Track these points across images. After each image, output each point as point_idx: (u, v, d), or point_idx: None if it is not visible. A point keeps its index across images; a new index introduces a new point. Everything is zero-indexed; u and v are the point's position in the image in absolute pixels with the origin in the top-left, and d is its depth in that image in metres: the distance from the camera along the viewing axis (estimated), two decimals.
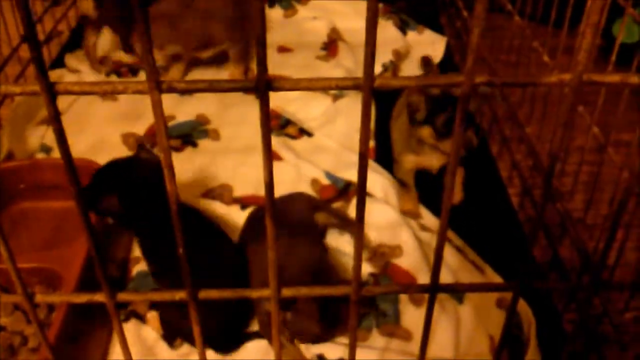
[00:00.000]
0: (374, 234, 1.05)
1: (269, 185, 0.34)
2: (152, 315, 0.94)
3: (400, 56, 1.55)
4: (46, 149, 1.27)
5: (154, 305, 0.95)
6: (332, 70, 1.51)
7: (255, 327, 0.93)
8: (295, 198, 1.06)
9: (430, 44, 1.63)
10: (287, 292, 0.39)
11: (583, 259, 0.93)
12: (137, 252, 1.05)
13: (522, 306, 0.91)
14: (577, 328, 0.90)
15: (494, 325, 0.91)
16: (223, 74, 1.49)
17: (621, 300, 0.88)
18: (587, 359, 0.88)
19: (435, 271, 0.39)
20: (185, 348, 0.91)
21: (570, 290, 0.95)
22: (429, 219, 1.11)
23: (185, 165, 1.23)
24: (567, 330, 0.92)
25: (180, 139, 1.31)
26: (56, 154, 1.24)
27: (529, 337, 0.88)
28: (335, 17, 1.70)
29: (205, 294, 0.39)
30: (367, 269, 1.00)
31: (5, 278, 0.88)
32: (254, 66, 1.49)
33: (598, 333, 0.90)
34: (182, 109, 1.37)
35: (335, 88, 0.31)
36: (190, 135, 1.32)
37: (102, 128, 1.33)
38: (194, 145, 1.30)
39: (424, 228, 1.08)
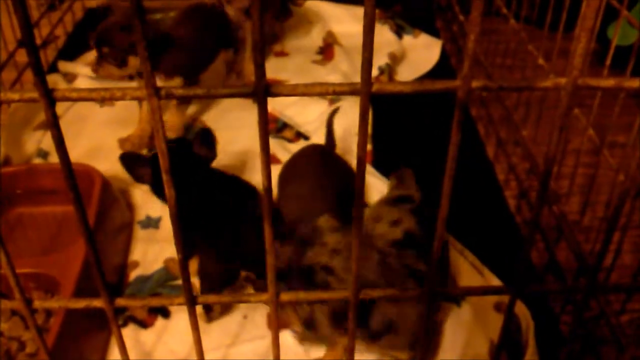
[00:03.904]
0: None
1: (267, 189, 0.35)
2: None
3: (396, 59, 1.56)
4: (43, 154, 1.27)
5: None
6: (328, 74, 1.51)
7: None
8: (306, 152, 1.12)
9: (425, 48, 1.63)
10: (285, 296, 0.39)
11: (579, 262, 0.94)
12: (134, 256, 1.05)
13: (521, 309, 0.91)
14: (573, 330, 0.90)
15: (493, 328, 0.91)
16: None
17: (618, 302, 0.89)
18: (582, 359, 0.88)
19: (432, 276, 0.39)
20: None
21: (566, 293, 0.95)
22: None
23: None
24: (564, 332, 0.92)
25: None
26: (53, 158, 1.24)
27: (527, 340, 0.88)
28: (330, 21, 1.71)
29: (203, 299, 0.39)
30: None
31: (3, 283, 0.87)
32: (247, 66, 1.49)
33: (595, 335, 0.90)
34: None
35: (333, 93, 0.32)
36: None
37: (99, 132, 1.33)
38: None
39: None
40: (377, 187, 1.16)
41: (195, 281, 0.96)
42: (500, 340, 0.43)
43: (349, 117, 1.34)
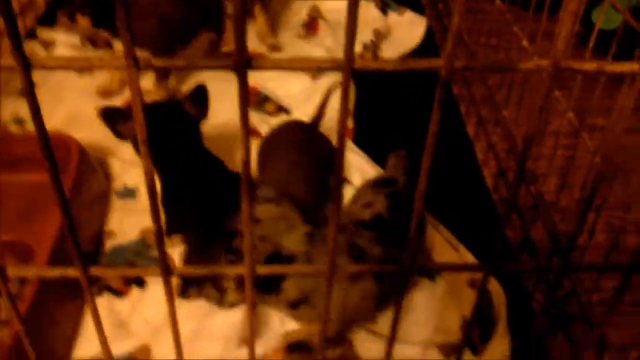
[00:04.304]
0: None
1: (246, 162, 0.34)
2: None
3: (380, 36, 1.55)
4: (19, 121, 1.25)
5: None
6: (313, 49, 1.50)
7: None
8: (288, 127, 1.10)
9: (410, 25, 1.62)
10: (261, 269, 0.39)
11: (554, 241, 0.95)
12: (111, 226, 1.05)
13: (494, 286, 0.93)
14: (545, 308, 0.92)
15: (466, 304, 0.92)
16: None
17: (590, 281, 0.90)
18: (554, 337, 0.90)
19: (411, 249, 0.40)
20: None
21: (539, 272, 0.96)
22: None
23: None
24: (536, 309, 0.94)
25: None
26: (30, 126, 1.22)
27: (499, 316, 0.90)
28: None
29: (178, 271, 0.39)
30: None
31: None
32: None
33: (566, 313, 0.92)
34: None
35: (315, 69, 0.31)
36: None
37: (77, 101, 1.31)
38: None
39: None
40: (356, 163, 1.16)
41: (172, 252, 0.96)
42: (472, 315, 0.44)
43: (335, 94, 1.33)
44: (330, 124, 1.25)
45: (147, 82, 1.34)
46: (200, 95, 0.95)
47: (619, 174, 0.84)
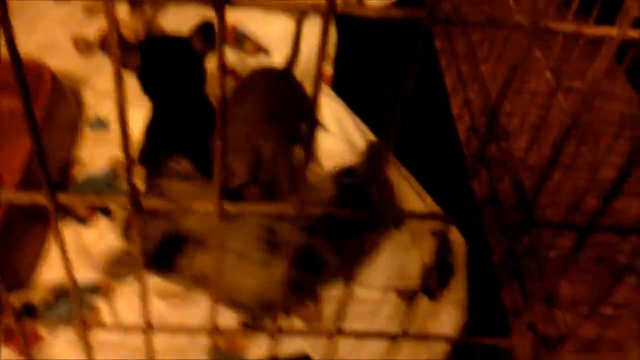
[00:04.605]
0: (329, 161, 1.07)
1: (222, 100, 0.34)
2: None
3: None
4: None
5: None
6: None
7: None
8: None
9: None
10: (230, 207, 0.40)
11: (519, 197, 0.97)
12: (81, 155, 1.04)
13: (455, 236, 0.95)
14: (504, 261, 0.95)
15: (427, 252, 0.95)
16: None
17: (548, 239, 0.93)
18: (509, 289, 0.93)
19: (377, 198, 0.40)
20: None
21: (500, 226, 0.99)
22: None
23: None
24: (495, 261, 0.97)
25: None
26: (4, 52, 1.18)
27: (458, 265, 0.93)
28: None
29: (146, 203, 0.39)
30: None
31: None
32: None
33: (523, 267, 0.95)
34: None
35: (295, 9, 0.31)
36: None
37: (53, 30, 1.28)
38: None
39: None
40: (332, 108, 1.15)
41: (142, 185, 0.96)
42: (430, 262, 0.45)
43: (314, 37, 1.31)
44: (308, 68, 1.24)
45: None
46: (207, 32, 0.95)
47: (589, 136, 0.86)
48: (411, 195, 1.02)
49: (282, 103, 1.00)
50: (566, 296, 0.90)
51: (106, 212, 0.96)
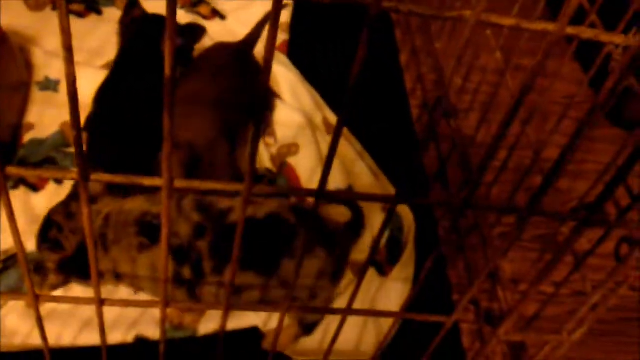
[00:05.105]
0: (283, 131, 1.07)
1: (172, 66, 0.34)
2: None
3: None
4: None
5: None
6: None
7: None
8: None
9: None
10: (179, 183, 0.40)
11: (465, 174, 1.00)
12: (30, 118, 1.02)
13: (405, 212, 0.97)
14: (448, 235, 0.98)
15: (378, 227, 0.97)
16: None
17: (493, 216, 0.96)
18: (454, 265, 0.96)
19: (324, 177, 0.41)
20: None
21: (442, 205, 1.02)
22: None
23: (89, 34, 1.18)
24: (441, 236, 1.00)
25: (84, 3, 1.24)
26: None
27: (407, 240, 0.95)
28: None
29: (95, 177, 0.39)
30: (267, 164, 1.03)
31: None
32: None
33: (467, 243, 0.98)
34: None
35: None
36: (95, 1, 1.25)
37: None
38: (99, 12, 1.24)
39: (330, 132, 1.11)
40: (286, 77, 1.15)
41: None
42: (378, 237, 0.47)
43: (270, 3, 1.30)
44: (263, 33, 1.23)
45: None
46: (194, 33, 1.03)
47: (535, 116, 0.88)
48: (364, 171, 1.04)
49: (234, 86, 0.97)
50: (507, 274, 0.94)
51: (58, 180, 0.94)
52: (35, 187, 0.93)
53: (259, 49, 1.11)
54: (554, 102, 1.25)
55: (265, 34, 1.14)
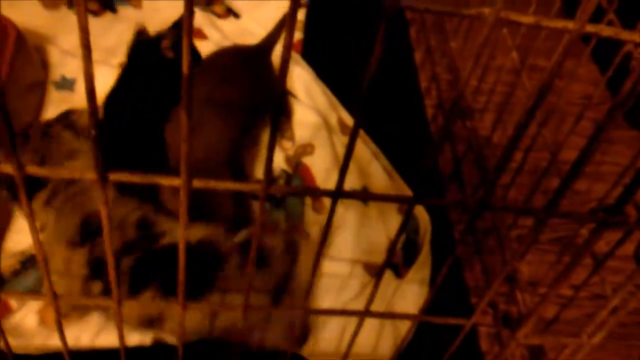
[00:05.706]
0: (298, 131, 1.06)
1: (190, 64, 0.34)
2: None
3: None
4: None
5: None
6: None
7: None
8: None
9: None
10: (197, 183, 0.40)
11: (482, 176, 0.99)
12: (46, 117, 1.02)
13: (421, 213, 0.97)
14: (463, 238, 0.97)
15: (394, 229, 0.96)
16: None
17: (510, 218, 0.95)
18: (471, 268, 0.96)
19: (341, 177, 0.41)
20: None
21: (458, 207, 1.01)
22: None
23: (104, 33, 1.18)
24: (457, 239, 0.99)
25: (99, 1, 1.25)
26: None
27: (423, 242, 0.94)
28: None
29: (114, 176, 0.39)
30: (282, 165, 1.03)
31: None
32: None
33: (484, 245, 0.97)
34: None
35: None
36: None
37: None
38: (114, 10, 1.24)
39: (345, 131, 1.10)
40: (301, 76, 1.15)
41: None
42: (395, 239, 0.46)
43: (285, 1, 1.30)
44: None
45: None
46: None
47: (552, 117, 0.87)
48: (379, 171, 1.03)
49: (244, 89, 0.95)
50: (525, 276, 0.93)
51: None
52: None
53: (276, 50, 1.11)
54: (570, 103, 1.24)
55: (282, 36, 1.14)
